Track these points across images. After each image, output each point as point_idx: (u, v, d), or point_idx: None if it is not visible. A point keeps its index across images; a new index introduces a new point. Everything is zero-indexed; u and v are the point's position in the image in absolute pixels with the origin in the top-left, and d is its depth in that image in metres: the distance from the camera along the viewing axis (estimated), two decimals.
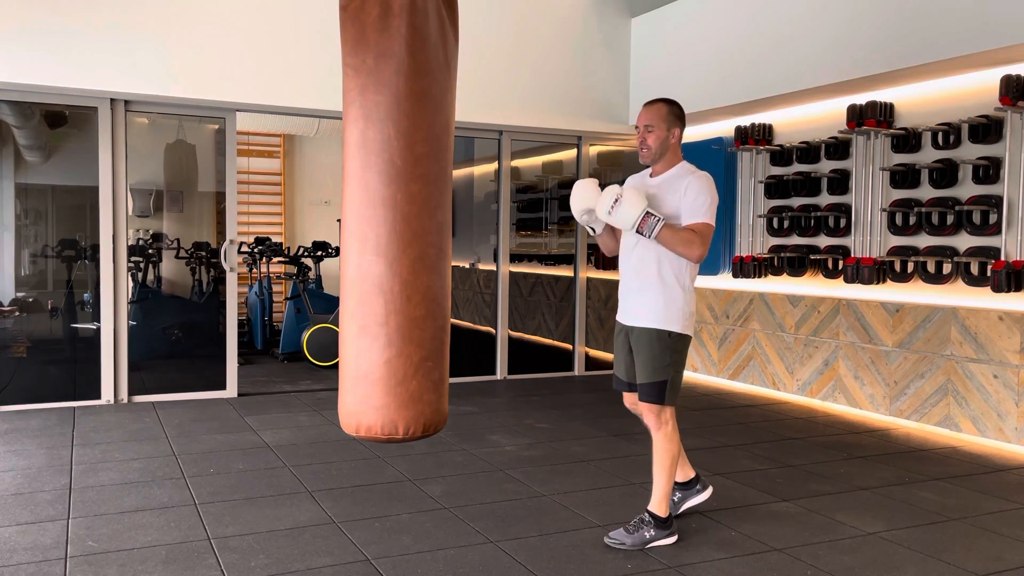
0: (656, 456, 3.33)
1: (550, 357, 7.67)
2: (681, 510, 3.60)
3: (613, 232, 3.51)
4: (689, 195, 3.23)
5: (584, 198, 3.29)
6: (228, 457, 4.54)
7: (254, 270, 9.17)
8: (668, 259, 3.26)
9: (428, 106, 2.36)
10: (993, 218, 5.06)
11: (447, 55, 2.42)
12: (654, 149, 3.31)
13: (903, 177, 5.58)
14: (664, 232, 3.15)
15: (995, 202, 5.03)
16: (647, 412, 3.33)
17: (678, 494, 3.61)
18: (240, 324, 8.29)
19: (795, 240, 6.49)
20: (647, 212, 3.13)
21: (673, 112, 3.33)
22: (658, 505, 3.31)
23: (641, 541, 3.27)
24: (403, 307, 2.34)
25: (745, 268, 6.72)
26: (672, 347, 3.28)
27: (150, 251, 6.72)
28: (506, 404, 6.25)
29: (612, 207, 3.14)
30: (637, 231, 3.15)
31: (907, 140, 5.57)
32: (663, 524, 3.30)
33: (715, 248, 7.20)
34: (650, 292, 3.29)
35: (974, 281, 5.11)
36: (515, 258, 7.46)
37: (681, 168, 3.34)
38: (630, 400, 3.52)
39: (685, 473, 3.61)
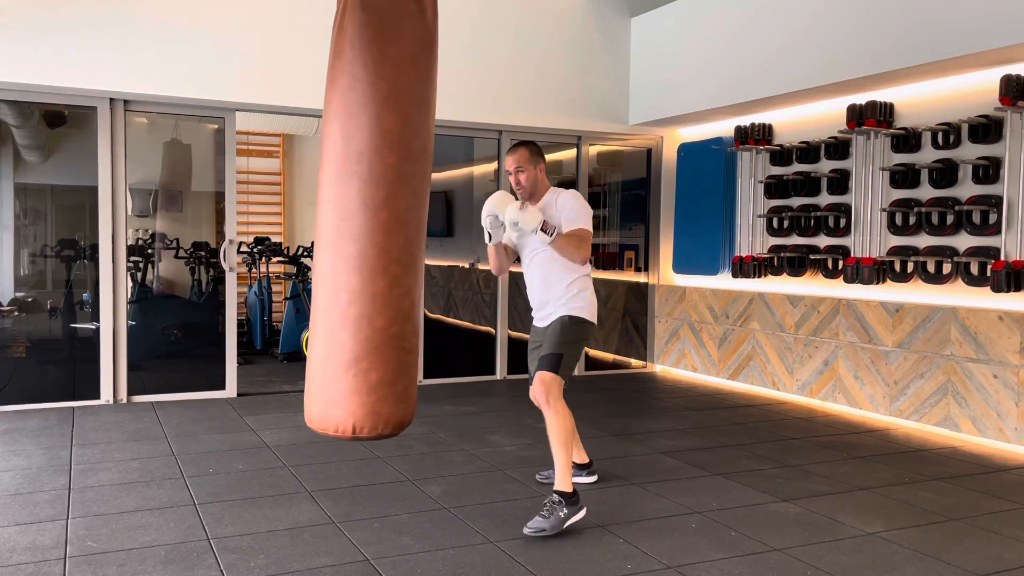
0: (550, 431, 3.58)
1: None
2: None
3: (506, 250, 3.90)
4: (565, 209, 3.65)
5: (496, 205, 3.60)
6: (227, 457, 4.54)
7: (253, 270, 9.16)
8: (563, 269, 3.70)
9: (372, 102, 2.25)
10: (993, 218, 5.06)
11: (407, 48, 2.30)
12: (527, 186, 3.72)
13: (903, 177, 5.58)
14: (560, 238, 3.57)
15: (995, 202, 5.03)
16: (539, 381, 3.60)
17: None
18: (239, 324, 8.28)
19: (795, 240, 6.49)
20: (546, 220, 3.55)
21: (535, 151, 3.76)
22: (562, 482, 3.49)
23: (558, 522, 3.40)
24: (336, 305, 2.31)
25: (745, 268, 6.72)
26: (572, 328, 3.67)
27: (149, 251, 6.71)
28: (506, 404, 6.25)
29: (521, 208, 3.48)
30: (541, 230, 3.50)
31: (907, 140, 5.57)
32: (571, 500, 3.47)
33: (715, 248, 7.20)
34: (558, 302, 3.71)
35: (974, 281, 5.11)
36: (515, 258, 7.45)
37: (551, 192, 3.77)
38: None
39: (581, 456, 4.10)
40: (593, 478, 4.12)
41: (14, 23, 5.45)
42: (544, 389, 3.58)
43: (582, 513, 3.51)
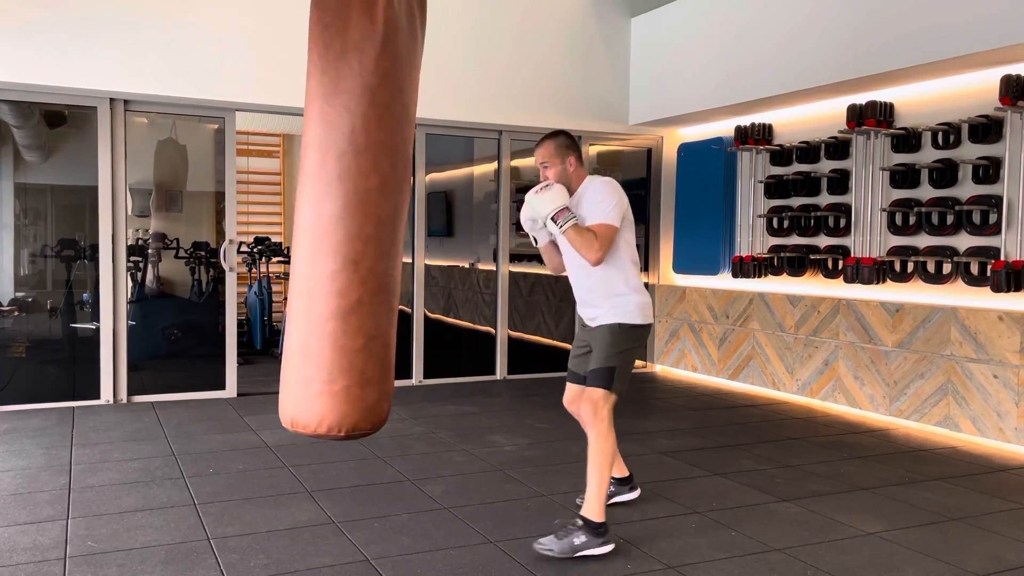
0: (590, 454, 3.26)
1: (550, 357, 7.66)
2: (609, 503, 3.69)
3: (557, 248, 3.58)
4: (590, 201, 3.35)
5: (532, 206, 3.39)
6: (228, 457, 4.54)
7: (253, 270, 9.16)
8: (613, 271, 3.37)
9: (316, 97, 2.27)
10: (993, 218, 5.06)
11: (351, 41, 2.32)
12: (556, 182, 3.41)
13: (903, 177, 5.58)
14: (571, 231, 3.24)
15: (995, 202, 5.03)
16: (587, 399, 3.31)
17: (611, 488, 3.73)
18: (239, 324, 8.28)
19: (795, 240, 6.49)
20: (565, 207, 3.24)
21: (561, 143, 3.45)
22: (591, 509, 3.19)
23: (569, 547, 3.11)
24: (290, 297, 2.39)
25: (745, 268, 6.72)
26: (624, 336, 3.34)
27: (149, 251, 6.71)
28: (506, 404, 6.25)
29: (538, 191, 3.24)
30: (552, 219, 3.23)
31: (907, 140, 5.57)
32: (596, 531, 3.15)
33: (715, 248, 7.20)
34: (603, 305, 3.39)
35: (974, 281, 5.11)
36: (515, 258, 7.46)
37: (587, 183, 3.45)
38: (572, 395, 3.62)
39: (620, 469, 3.77)
40: (636, 493, 3.80)
41: (14, 23, 5.45)
42: (592, 407, 3.24)
43: (604, 548, 3.15)
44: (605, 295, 3.37)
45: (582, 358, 3.53)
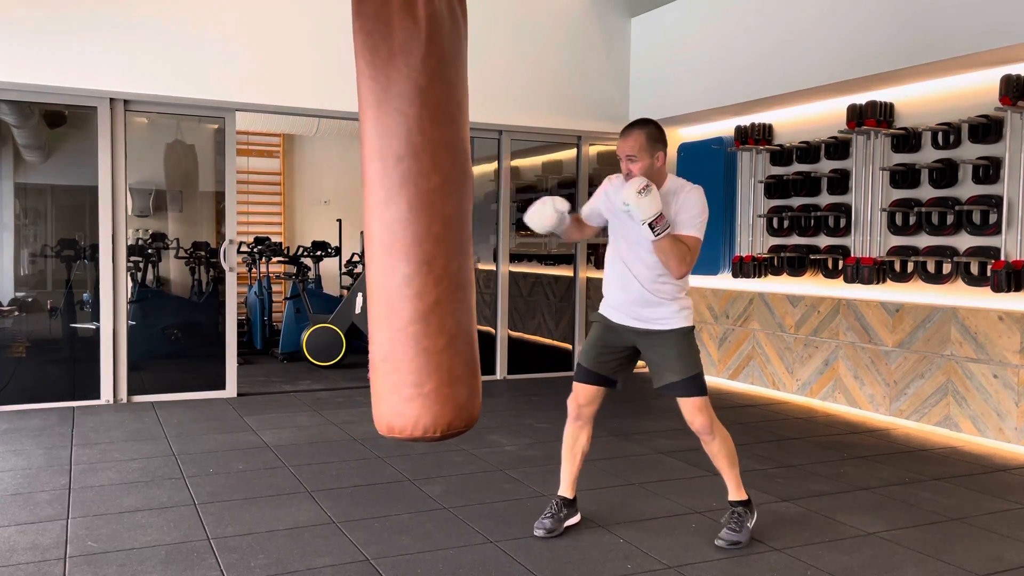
0: (718, 455, 3.37)
1: (550, 357, 7.67)
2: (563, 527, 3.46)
3: (579, 225, 3.52)
4: (685, 209, 3.24)
5: (544, 219, 3.30)
6: (227, 457, 4.54)
7: (253, 270, 9.16)
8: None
9: (368, 106, 2.27)
10: (993, 218, 5.06)
11: (396, 45, 2.33)
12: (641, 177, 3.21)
13: (903, 177, 5.58)
14: (667, 240, 3.13)
15: (995, 202, 5.03)
16: (695, 411, 3.29)
17: (565, 510, 3.46)
18: (240, 324, 8.29)
19: (795, 240, 6.49)
20: (663, 214, 3.12)
21: (652, 136, 3.26)
22: (740, 493, 3.40)
23: (748, 532, 3.34)
24: (370, 306, 2.40)
25: (745, 268, 6.72)
26: (692, 338, 3.38)
27: (150, 251, 6.71)
28: (506, 404, 6.25)
29: (641, 191, 3.04)
30: (650, 225, 3.07)
31: (907, 140, 5.57)
32: (748, 505, 3.41)
33: (715, 248, 7.20)
34: (666, 306, 3.31)
35: (974, 281, 5.11)
36: (515, 258, 7.46)
37: (672, 183, 3.32)
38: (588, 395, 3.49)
39: (573, 490, 3.50)
40: (577, 518, 3.53)
41: (14, 23, 5.45)
42: (706, 417, 3.28)
43: (755, 517, 3.44)
44: (671, 294, 3.31)
45: (608, 359, 3.41)
